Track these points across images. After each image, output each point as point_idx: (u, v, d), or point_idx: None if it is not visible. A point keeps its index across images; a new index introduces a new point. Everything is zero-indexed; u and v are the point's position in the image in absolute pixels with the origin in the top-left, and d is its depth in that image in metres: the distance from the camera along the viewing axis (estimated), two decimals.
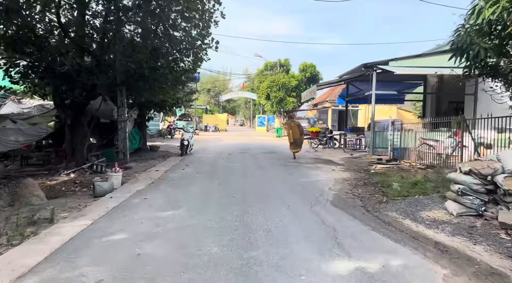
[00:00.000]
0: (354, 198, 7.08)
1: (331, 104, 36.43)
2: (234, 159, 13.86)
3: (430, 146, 13.40)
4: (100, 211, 5.90)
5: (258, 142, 25.35)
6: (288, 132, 14.59)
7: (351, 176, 10.01)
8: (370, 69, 15.09)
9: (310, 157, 15.34)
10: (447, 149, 12.33)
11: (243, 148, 19.10)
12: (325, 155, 16.53)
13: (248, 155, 15.64)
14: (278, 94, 33.59)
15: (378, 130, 16.58)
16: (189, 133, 15.07)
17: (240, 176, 9.74)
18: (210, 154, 15.92)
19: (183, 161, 13.18)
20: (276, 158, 14.62)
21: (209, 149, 18.34)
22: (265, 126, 50.47)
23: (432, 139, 13.14)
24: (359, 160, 14.20)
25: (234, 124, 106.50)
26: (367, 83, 19.30)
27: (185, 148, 14.67)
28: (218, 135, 33.92)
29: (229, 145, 21.61)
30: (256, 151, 17.79)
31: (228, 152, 16.94)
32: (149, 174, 10.01)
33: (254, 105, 68.08)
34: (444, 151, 12.00)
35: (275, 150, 18.55)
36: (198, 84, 55.56)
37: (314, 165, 12.45)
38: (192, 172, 10.41)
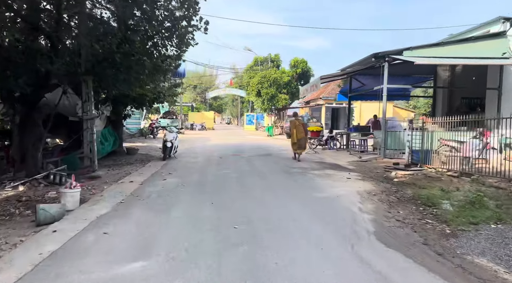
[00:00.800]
0: (403, 227, 5.07)
1: (324, 101, 34.59)
2: (226, 164, 11.74)
3: (452, 147, 11.62)
4: (26, 262, 3.73)
5: (250, 141, 23.25)
6: (291, 132, 12.95)
7: (375, 188, 8.04)
8: (381, 59, 13.17)
9: (312, 160, 13.34)
10: (473, 151, 10.54)
11: (235, 149, 16.99)
12: (328, 157, 14.56)
13: (242, 158, 13.54)
14: (269, 90, 31.55)
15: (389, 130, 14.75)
16: (173, 133, 12.89)
17: (238, 190, 7.63)
18: (198, 157, 13.76)
19: (166, 167, 11.00)
20: (275, 162, 12.57)
21: (196, 151, 16.16)
22: (254, 125, 48.43)
23: (454, 140, 11.34)
24: (371, 164, 12.28)
25: (221, 122, 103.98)
26: (372, 77, 17.42)
27: (168, 150, 12.48)
28: (206, 134, 31.67)
29: (219, 145, 19.45)
30: (249, 152, 15.70)
31: (218, 154, 14.80)
32: (121, 187, 7.81)
33: (242, 103, 65.90)
34: (471, 153, 10.20)
35: (270, 151, 16.50)
36: (184, 81, 53.07)
37: (323, 172, 10.45)
38: (176, 183, 8.25)
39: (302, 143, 12.85)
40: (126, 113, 13.96)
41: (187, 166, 11.26)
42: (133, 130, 21.06)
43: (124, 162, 11.97)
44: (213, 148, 17.98)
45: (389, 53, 12.88)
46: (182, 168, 10.71)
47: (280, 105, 32.34)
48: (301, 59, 37.03)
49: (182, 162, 12.22)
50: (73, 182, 6.32)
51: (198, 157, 13.81)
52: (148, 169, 10.49)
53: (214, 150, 16.59)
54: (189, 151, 15.94)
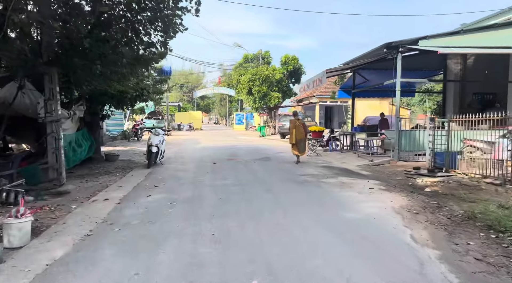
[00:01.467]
0: (494, 273, 3.53)
1: (318, 100, 33.19)
2: (222, 172, 10.08)
3: (478, 148, 10.24)
4: None
5: (243, 143, 21.60)
6: (291, 132, 12.05)
7: (410, 202, 6.52)
8: (393, 50, 11.71)
9: (318, 164, 11.80)
10: (503, 152, 9.18)
11: (229, 153, 15.33)
12: (335, 161, 13.03)
13: (239, 163, 11.90)
14: (261, 88, 29.93)
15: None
16: (159, 136, 11.17)
17: (244, 210, 5.99)
18: (188, 163, 12.05)
19: (151, 176, 9.28)
20: (277, 167, 10.98)
21: (185, 155, 14.44)
22: (243, 125, 46.81)
23: (480, 141, 9.97)
24: (386, 169, 10.81)
25: (208, 122, 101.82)
26: (376, 72, 15.99)
27: (153, 156, 10.76)
28: (194, 135, 29.88)
29: (210, 148, 17.75)
30: (245, 156, 14.06)
31: (211, 158, 13.12)
32: (92, 208, 6.08)
33: (230, 102, 64.12)
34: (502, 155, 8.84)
35: (268, 154, 14.90)
36: (170, 80, 51.04)
37: (336, 179, 8.89)
38: (164, 201, 6.56)
39: (302, 144, 12.00)
40: (105, 114, 12.17)
41: (177, 175, 9.55)
42: (115, 132, 19.18)
43: (101, 171, 10.19)
44: (204, 151, 16.27)
45: (403, 43, 11.43)
46: (171, 178, 9.01)
47: (273, 104, 30.78)
48: (292, 56, 35.43)
49: (170, 169, 10.51)
50: (20, 208, 4.59)
51: (189, 162, 12.10)
52: (129, 180, 8.75)
53: (205, 154, 14.89)
54: (177, 156, 14.21)
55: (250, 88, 30.56)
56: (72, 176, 9.18)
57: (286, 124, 26.68)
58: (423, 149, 12.01)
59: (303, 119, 26.91)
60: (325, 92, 33.06)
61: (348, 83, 17.23)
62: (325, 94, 32.59)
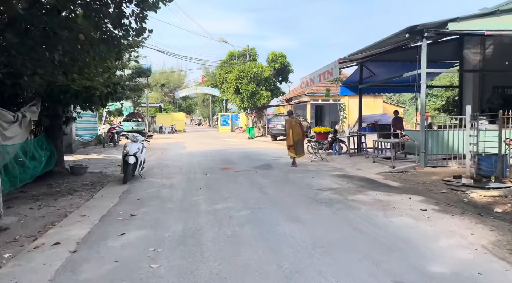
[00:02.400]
0: None
1: (310, 98, 31.39)
2: (220, 188, 7.96)
3: None
4: None
5: (233, 146, 19.48)
6: (287, 133, 11.31)
7: (492, 232, 4.66)
8: (417, 36, 9.89)
9: (330, 173, 9.84)
10: None
11: (221, 159, 13.21)
12: (346, 166, 11.12)
13: (236, 174, 9.81)
14: (249, 86, 27.86)
15: None
16: (137, 143, 8.95)
17: (267, 260, 3.93)
18: (174, 175, 9.87)
19: (127, 198, 7.08)
20: (285, 179, 8.95)
21: (170, 163, 12.22)
22: (229, 126, 44.64)
23: None
24: (416, 177, 8.96)
25: (191, 124, 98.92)
26: (385, 65, 14.18)
27: (130, 169, 8.54)
28: (178, 138, 27.53)
29: (198, 153, 15.56)
30: (242, 163, 11.97)
31: (201, 168, 10.97)
32: (28, 266, 3.89)
33: (214, 103, 61.78)
34: None
35: (266, 160, 12.88)
36: (150, 79, 48.27)
37: (367, 195, 6.94)
38: (143, 245, 4.41)
39: (300, 146, 11.19)
40: (69, 116, 9.86)
41: (161, 194, 7.38)
42: (88, 137, 16.73)
43: (63, 189, 7.91)
44: (192, 157, 14.08)
45: (429, 27, 9.60)
46: (153, 199, 6.83)
47: (262, 103, 28.77)
48: (280, 53, 33.49)
49: (153, 185, 8.31)
50: None
51: (175, 174, 9.92)
52: (97, 205, 6.52)
53: (194, 161, 12.71)
54: (161, 164, 11.99)
55: (237, 86, 28.45)
56: (20, 198, 6.92)
57: (278, 125, 24.74)
58: (452, 152, 10.25)
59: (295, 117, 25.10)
60: (317, 90, 31.29)
61: (352, 78, 15.39)
62: (318, 92, 30.81)
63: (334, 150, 14.27)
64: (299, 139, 11.15)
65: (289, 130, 11.14)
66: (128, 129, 26.06)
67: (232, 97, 29.72)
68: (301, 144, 11.26)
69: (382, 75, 14.79)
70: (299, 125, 11.26)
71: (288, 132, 11.20)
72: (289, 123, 11.25)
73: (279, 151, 16.71)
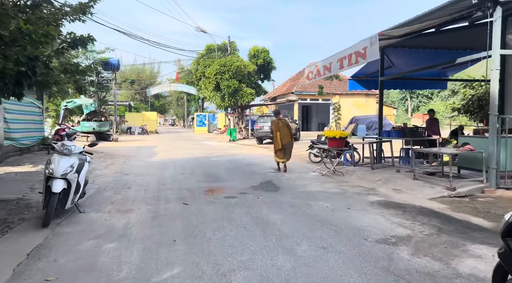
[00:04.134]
0: None
1: (297, 97, 28.40)
2: (211, 242, 4.63)
3: None
4: None
5: (216, 153, 16.10)
6: (274, 135, 10.35)
7: None
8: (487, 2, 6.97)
9: (364, 198, 6.72)
10: None
11: (204, 173, 9.84)
12: (377, 186, 8.06)
13: (233, 201, 6.48)
14: (231, 82, 24.52)
15: None
16: (70, 158, 5.44)
17: None
18: (134, 204, 6.42)
19: (30, 270, 3.63)
20: (309, 214, 5.72)
21: (132, 181, 8.70)
22: (206, 127, 41.08)
23: None
24: (497, 206, 6.02)
25: (164, 124, 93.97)
26: (407, 54, 11.26)
27: (55, 202, 5.05)
28: (149, 141, 23.78)
29: (172, 163, 12.09)
30: (233, 180, 8.65)
31: (177, 190, 7.54)
32: None
33: (188, 102, 57.88)
34: None
35: (265, 173, 9.66)
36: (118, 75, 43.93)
37: (479, 259, 3.85)
38: None
39: (289, 150, 10.27)
40: None
41: (99, 262, 3.95)
42: (27, 141, 12.85)
43: None
44: (163, 170, 10.62)
45: None
46: (84, 275, 3.45)
47: (245, 101, 25.51)
48: (262, 48, 30.35)
49: (92, 233, 4.85)
50: None
51: (136, 203, 6.46)
52: None
53: (166, 177, 9.27)
54: (118, 183, 8.47)
55: (217, 82, 25.05)
56: None
57: (264, 126, 21.55)
58: None
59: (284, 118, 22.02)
60: (306, 88, 28.39)
61: (364, 71, 12.42)
62: (306, 90, 27.92)
63: (344, 159, 11.27)
64: (288, 142, 10.17)
65: (276, 132, 10.13)
66: (89, 131, 22.15)
67: (211, 94, 26.27)
68: (290, 148, 10.26)
69: (401, 67, 11.92)
70: (286, 126, 10.29)
71: (275, 135, 10.15)
72: (276, 125, 10.24)
73: (272, 158, 13.54)
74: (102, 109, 36.92)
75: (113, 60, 37.03)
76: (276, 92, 33.71)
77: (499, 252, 2.32)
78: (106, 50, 36.70)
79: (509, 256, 2.19)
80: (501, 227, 2.30)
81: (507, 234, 2.23)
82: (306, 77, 10.41)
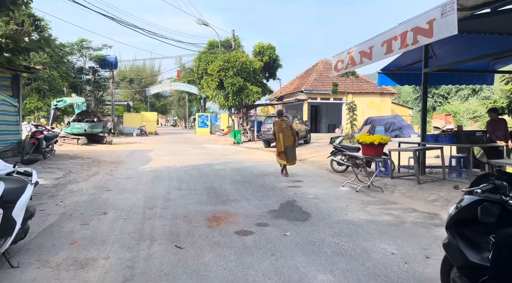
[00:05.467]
0: None
1: (307, 96, 26.32)
2: None
3: None
4: None
5: (220, 158, 14.03)
6: (277, 137, 9.83)
7: None
8: None
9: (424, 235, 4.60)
10: None
11: (207, 188, 7.73)
12: (434, 208, 5.94)
13: (248, 241, 4.41)
14: (236, 80, 22.48)
15: None
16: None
17: None
18: (105, 243, 4.33)
19: None
20: (374, 273, 3.65)
21: (112, 202, 6.60)
22: (208, 128, 39.06)
23: None
24: None
25: (165, 124, 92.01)
26: (452, 44, 9.19)
27: None
28: (146, 144, 21.74)
29: (168, 174, 10.03)
30: (245, 201, 6.54)
31: (169, 217, 5.42)
32: None
33: (190, 102, 55.87)
34: None
35: (283, 189, 7.54)
36: (116, 73, 41.95)
37: None
38: None
39: (291, 152, 9.83)
40: None
41: None
42: None
43: None
44: (155, 185, 8.55)
45: None
46: None
47: (251, 100, 23.47)
48: (268, 45, 28.31)
49: None
50: None
51: (105, 243, 4.36)
52: None
53: (157, 196, 7.17)
54: (92, 205, 6.37)
55: (221, 80, 23.01)
56: None
57: (273, 128, 19.54)
58: None
59: (293, 119, 19.98)
60: (316, 86, 26.32)
61: (398, 62, 10.33)
62: (317, 89, 25.85)
63: (377, 170, 9.20)
64: (292, 145, 9.82)
65: (279, 134, 9.81)
66: (80, 133, 20.14)
67: (214, 93, 24.24)
68: (293, 150, 9.88)
69: (445, 59, 9.82)
70: (289, 128, 9.94)
71: (278, 136, 9.84)
72: (278, 126, 9.89)
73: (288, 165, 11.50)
74: (99, 109, 35.00)
75: (110, 58, 35.04)
76: (283, 91, 31.64)
77: (444, 243, 2.39)
78: (103, 47, 34.86)
79: (453, 247, 2.28)
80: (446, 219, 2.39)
81: (450, 226, 2.34)
82: (334, 69, 8.31)
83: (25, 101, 23.77)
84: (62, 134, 20.21)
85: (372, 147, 7.72)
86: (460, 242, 2.27)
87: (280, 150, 9.77)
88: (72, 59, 33.78)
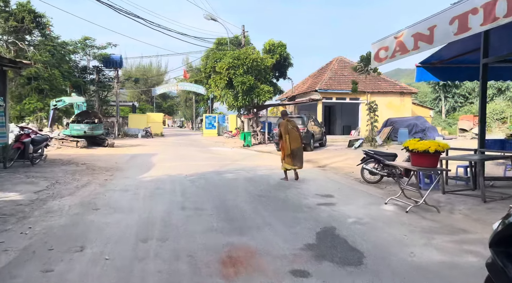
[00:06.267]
0: None
1: (321, 95, 24.71)
2: None
3: None
4: None
5: (230, 165, 12.51)
6: (283, 139, 9.23)
7: None
8: None
9: None
10: None
11: (216, 206, 6.16)
12: None
13: None
14: (246, 78, 20.96)
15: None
16: None
17: None
18: None
19: None
20: None
21: (98, 226, 5.06)
22: (215, 129, 37.62)
23: None
24: None
25: (172, 125, 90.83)
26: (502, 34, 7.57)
27: None
28: (150, 146, 20.29)
29: (171, 185, 8.50)
30: (268, 226, 4.97)
31: (170, 250, 3.84)
32: None
33: (197, 102, 54.55)
34: None
35: (315, 209, 5.93)
36: (122, 73, 40.74)
37: None
38: None
39: (299, 155, 9.17)
40: None
41: None
42: None
43: None
44: (155, 201, 7.02)
45: None
46: None
47: (262, 100, 21.94)
48: (279, 43, 26.74)
49: None
50: None
51: None
52: None
53: (154, 219, 5.61)
54: (68, 234, 4.83)
55: (230, 78, 21.52)
56: None
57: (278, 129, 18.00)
58: None
59: (308, 120, 18.42)
60: (332, 85, 24.71)
61: (440, 55, 8.70)
62: (332, 88, 24.24)
63: (422, 181, 7.65)
64: (298, 147, 9.25)
65: (285, 135, 9.24)
66: (79, 135, 18.76)
67: (223, 93, 22.75)
68: (300, 154, 9.28)
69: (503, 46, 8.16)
70: (296, 129, 9.36)
71: (285, 138, 9.27)
72: (284, 127, 9.31)
73: (308, 173, 9.97)
74: (103, 110, 33.78)
75: (115, 56, 33.80)
76: (295, 91, 30.06)
77: (487, 262, 2.12)
78: (108, 45, 33.64)
79: (497, 267, 2.02)
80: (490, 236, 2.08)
81: (494, 244, 2.07)
82: (375, 58, 6.75)
83: (24, 101, 22.57)
84: (60, 136, 18.87)
85: (427, 155, 6.11)
86: (506, 262, 1.94)
87: (287, 153, 9.17)
88: (76, 58, 32.62)
